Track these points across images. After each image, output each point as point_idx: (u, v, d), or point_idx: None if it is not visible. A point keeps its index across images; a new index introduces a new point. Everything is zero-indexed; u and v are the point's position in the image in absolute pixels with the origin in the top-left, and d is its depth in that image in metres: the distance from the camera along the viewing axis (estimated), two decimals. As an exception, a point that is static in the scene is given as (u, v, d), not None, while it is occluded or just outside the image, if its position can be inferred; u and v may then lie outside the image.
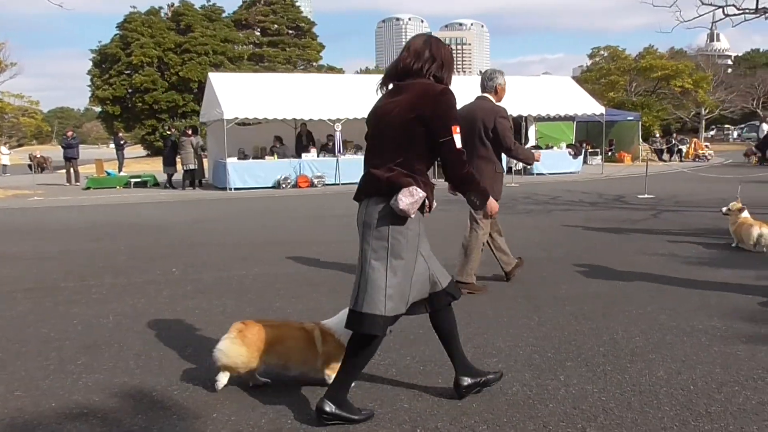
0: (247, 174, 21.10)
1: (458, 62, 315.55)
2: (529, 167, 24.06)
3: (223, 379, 4.00)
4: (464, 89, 23.97)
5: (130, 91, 53.00)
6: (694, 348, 4.57)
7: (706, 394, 3.78)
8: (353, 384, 3.72)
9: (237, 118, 20.95)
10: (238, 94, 21.65)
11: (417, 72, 3.58)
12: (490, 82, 6.53)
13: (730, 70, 70.58)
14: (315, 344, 3.99)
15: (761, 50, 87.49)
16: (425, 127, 3.44)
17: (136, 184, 22.99)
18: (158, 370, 4.45)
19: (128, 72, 53.41)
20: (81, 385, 4.21)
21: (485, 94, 6.53)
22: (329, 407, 3.48)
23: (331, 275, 7.50)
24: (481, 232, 6.43)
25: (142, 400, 3.96)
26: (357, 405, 3.63)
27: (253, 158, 22.14)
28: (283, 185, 20.83)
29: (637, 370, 4.16)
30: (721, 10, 12.27)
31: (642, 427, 3.41)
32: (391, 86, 3.77)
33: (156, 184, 23.12)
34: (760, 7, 11.91)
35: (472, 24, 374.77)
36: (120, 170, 26.55)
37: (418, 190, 3.38)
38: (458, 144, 3.45)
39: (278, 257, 8.74)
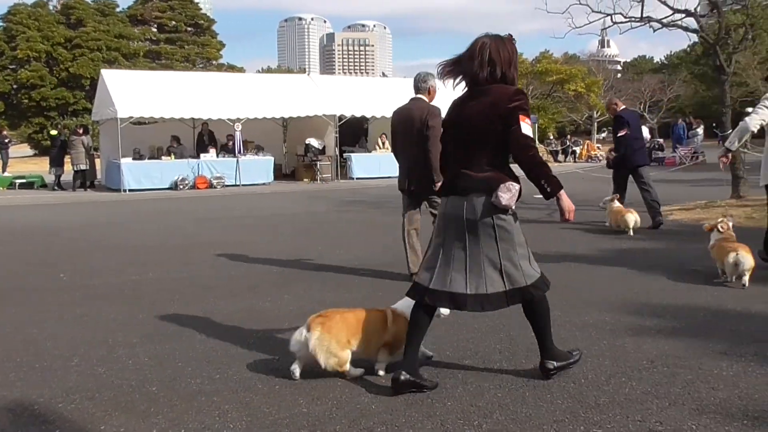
0: (142, 175, 20.46)
1: (361, 62, 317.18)
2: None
3: (298, 368, 4.11)
4: (368, 90, 24.04)
5: (15, 86, 50.46)
6: (585, 342, 4.74)
7: (596, 386, 3.92)
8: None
9: (132, 117, 20.29)
10: (133, 92, 20.94)
11: (491, 78, 3.94)
12: (423, 84, 6.77)
13: (619, 75, 73.77)
14: (387, 327, 4.15)
15: (647, 57, 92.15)
16: (504, 126, 3.80)
17: (22, 185, 21.95)
18: (41, 382, 4.24)
19: (13, 66, 50.81)
20: (-45, 401, 3.97)
21: (419, 95, 6.77)
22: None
23: (227, 278, 7.38)
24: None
25: (23, 414, 3.76)
26: (250, 412, 3.62)
27: (149, 158, 21.51)
28: (181, 186, 20.32)
29: (532, 366, 4.27)
30: (609, 17, 12.79)
31: (535, 420, 3.50)
32: (466, 90, 4.13)
33: (43, 186, 22.14)
34: (644, 15, 12.50)
35: (374, 25, 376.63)
36: (4, 171, 25.23)
37: (514, 184, 3.84)
38: (525, 131, 3.80)
39: (173, 261, 8.54)
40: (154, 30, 62.66)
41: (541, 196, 3.87)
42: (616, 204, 10.19)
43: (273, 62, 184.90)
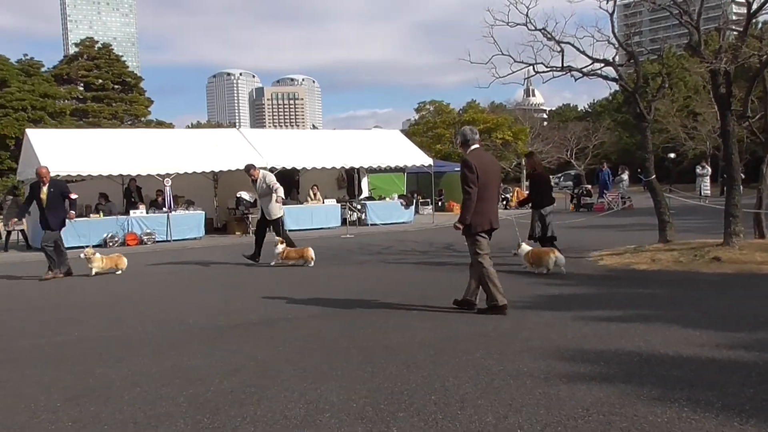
0: (70, 233, 19.78)
1: (291, 116, 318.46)
2: (363, 218, 24.46)
3: None
4: (299, 142, 23.90)
5: (-63, 148, 48.83)
6: (519, 391, 4.69)
7: (531, 436, 3.86)
8: None
9: (58, 175, 19.68)
10: (60, 150, 20.37)
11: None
12: (477, 135, 7.90)
13: (545, 123, 75.99)
14: None
15: (571, 105, 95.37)
16: None
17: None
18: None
19: (-66, 128, 49.26)
20: None
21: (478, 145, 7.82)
22: None
23: (155, 336, 7.12)
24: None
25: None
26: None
27: (78, 216, 20.87)
28: (111, 244, 19.74)
29: (466, 417, 4.20)
30: (531, 67, 13.12)
31: (472, 474, 3.41)
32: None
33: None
34: (565, 65, 12.86)
35: (303, 79, 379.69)
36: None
37: None
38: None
39: (99, 320, 8.21)
40: (81, 88, 61.69)
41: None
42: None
43: (203, 117, 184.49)
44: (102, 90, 61.32)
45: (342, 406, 4.51)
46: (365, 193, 27.46)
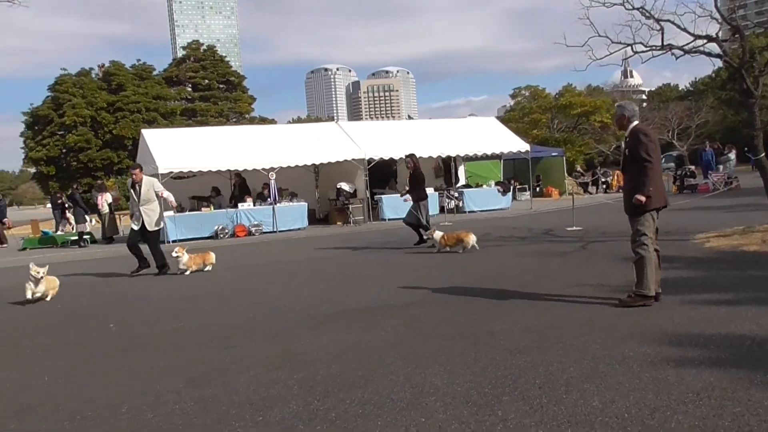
0: (184, 226, 20.69)
1: (387, 108, 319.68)
2: (461, 206, 24.33)
3: None
4: (395, 133, 24.10)
5: (64, 150, 52.08)
6: (626, 375, 4.56)
7: (640, 421, 3.75)
8: None
9: (172, 172, 20.60)
10: (172, 149, 21.37)
11: None
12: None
13: (645, 104, 73.17)
14: None
15: (672, 84, 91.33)
16: None
17: (74, 242, 22.25)
18: (93, 430, 4.23)
19: (61, 132, 52.54)
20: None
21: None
22: None
23: (265, 323, 7.33)
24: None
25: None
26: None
27: (190, 210, 21.76)
28: (221, 235, 20.49)
29: (572, 401, 4.12)
30: (630, 47, 12.63)
31: (580, 458, 3.35)
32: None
33: (94, 242, 22.46)
34: (665, 44, 12.32)
35: (398, 71, 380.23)
36: (57, 230, 25.70)
37: None
38: None
39: (212, 308, 8.53)
40: (189, 89, 64.15)
41: (574, 228, 3.76)
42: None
43: (302, 112, 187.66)
44: (208, 90, 63.57)
45: (447, 390, 4.52)
46: (462, 181, 27.30)
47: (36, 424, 4.44)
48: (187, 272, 12.38)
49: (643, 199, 6.61)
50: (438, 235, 12.94)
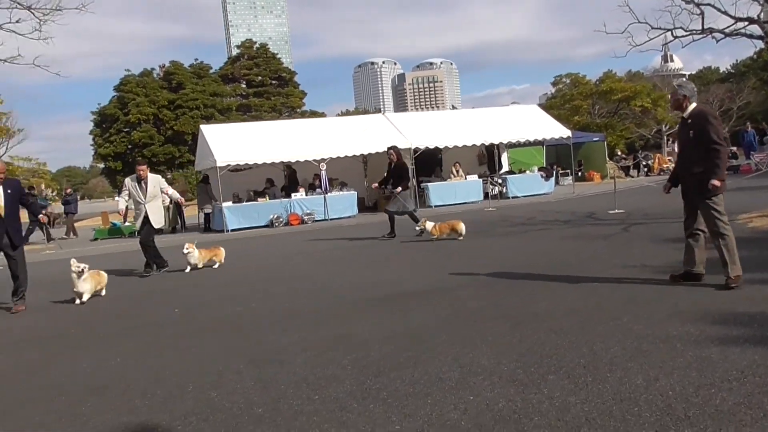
0: (242, 216, 21.00)
1: (432, 98, 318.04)
2: (504, 192, 24.11)
3: None
4: (440, 122, 23.93)
5: (129, 146, 53.27)
6: (669, 354, 4.47)
7: (684, 399, 3.68)
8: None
9: (229, 165, 20.90)
10: (229, 143, 21.68)
11: None
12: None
13: (685, 88, 70.97)
14: None
15: (712, 67, 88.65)
16: None
17: (139, 232, 22.71)
18: (162, 408, 4.35)
19: (127, 130, 53.79)
20: (90, 427, 4.13)
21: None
22: None
23: (317, 306, 7.38)
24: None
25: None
26: (347, 430, 3.49)
27: (247, 201, 22.06)
28: (276, 224, 20.74)
29: (616, 379, 4.06)
30: (670, 32, 12.31)
31: (624, 434, 3.30)
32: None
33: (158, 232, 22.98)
34: (705, 27, 11.97)
35: (441, 63, 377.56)
36: (125, 221, 26.33)
37: None
38: None
39: (263, 294, 8.63)
40: (244, 86, 64.87)
41: (616, 211, 3.69)
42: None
43: (350, 105, 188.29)
44: (261, 86, 64.17)
45: (494, 370, 4.50)
46: (505, 168, 27.04)
47: (110, 401, 4.58)
48: (200, 266, 11.77)
49: (718, 184, 6.37)
50: (430, 225, 12.89)
